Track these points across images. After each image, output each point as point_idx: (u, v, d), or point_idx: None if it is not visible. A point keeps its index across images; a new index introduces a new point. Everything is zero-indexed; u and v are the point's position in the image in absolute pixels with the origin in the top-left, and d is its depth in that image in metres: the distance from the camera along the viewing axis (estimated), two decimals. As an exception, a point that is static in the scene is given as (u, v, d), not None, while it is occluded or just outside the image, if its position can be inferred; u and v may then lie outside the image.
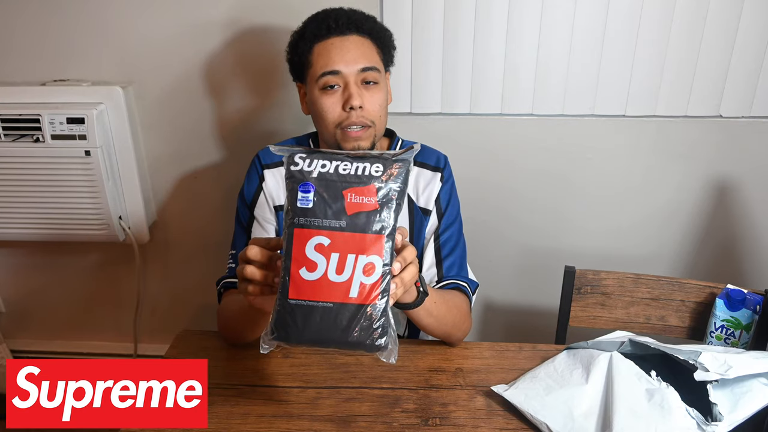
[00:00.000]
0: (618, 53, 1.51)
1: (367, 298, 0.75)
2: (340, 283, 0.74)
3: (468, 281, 1.19)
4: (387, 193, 0.76)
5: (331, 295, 0.75)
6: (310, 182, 0.75)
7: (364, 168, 0.76)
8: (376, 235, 0.75)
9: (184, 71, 1.58)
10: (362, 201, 0.75)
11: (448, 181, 1.22)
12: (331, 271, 0.74)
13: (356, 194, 0.75)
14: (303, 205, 0.75)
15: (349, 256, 0.74)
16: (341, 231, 0.75)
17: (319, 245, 0.74)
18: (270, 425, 0.95)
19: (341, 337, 0.75)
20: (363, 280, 0.75)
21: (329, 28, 1.10)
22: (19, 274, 1.86)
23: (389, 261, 0.76)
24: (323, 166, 0.75)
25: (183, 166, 1.70)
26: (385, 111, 1.14)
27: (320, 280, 0.74)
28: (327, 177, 0.75)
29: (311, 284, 0.75)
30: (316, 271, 0.74)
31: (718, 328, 1.20)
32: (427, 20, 1.50)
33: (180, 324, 1.69)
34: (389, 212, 0.76)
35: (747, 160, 1.61)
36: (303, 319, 0.75)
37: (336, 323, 0.75)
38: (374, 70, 1.10)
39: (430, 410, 0.98)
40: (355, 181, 0.75)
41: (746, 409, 0.87)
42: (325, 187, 0.75)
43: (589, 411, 0.92)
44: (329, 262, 0.74)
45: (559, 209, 1.69)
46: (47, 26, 1.54)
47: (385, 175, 0.76)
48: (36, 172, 1.57)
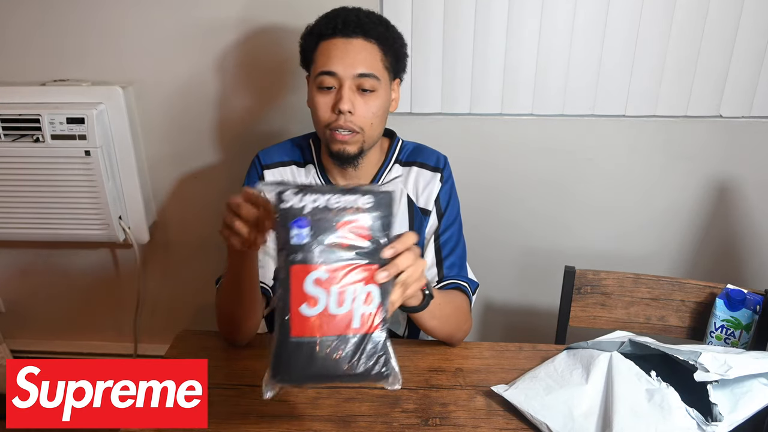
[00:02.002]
0: (618, 53, 1.51)
1: (370, 328, 0.75)
2: (343, 314, 0.74)
3: (468, 281, 1.19)
4: (377, 224, 0.76)
5: (335, 328, 0.74)
6: (302, 218, 0.75)
7: (355, 200, 0.76)
8: (372, 266, 0.76)
9: (184, 71, 1.58)
10: (356, 233, 0.75)
11: (448, 182, 1.22)
12: (333, 303, 0.74)
13: (350, 226, 0.75)
14: (297, 242, 0.74)
15: (347, 287, 0.75)
16: (338, 264, 0.75)
17: (318, 279, 0.74)
18: (270, 425, 0.95)
19: (347, 369, 0.75)
20: (364, 310, 0.75)
21: (335, 28, 1.09)
22: (19, 274, 1.86)
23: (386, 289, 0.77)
24: (314, 200, 0.75)
25: (183, 166, 1.70)
26: (380, 119, 1.13)
27: (322, 314, 0.74)
28: (319, 211, 0.75)
29: (313, 320, 0.74)
30: (317, 306, 0.74)
31: (718, 328, 1.20)
32: (427, 20, 1.50)
33: (180, 324, 1.69)
34: (380, 242, 0.77)
35: (747, 160, 1.61)
36: (307, 356, 0.74)
37: (341, 356, 0.74)
38: (372, 77, 1.09)
39: (430, 410, 0.98)
40: (347, 215, 0.75)
41: (746, 409, 0.87)
42: (318, 222, 0.75)
43: (589, 411, 0.92)
44: (330, 295, 0.74)
45: (559, 209, 1.69)
46: (47, 26, 1.54)
47: (375, 207, 0.76)
48: (36, 172, 1.57)
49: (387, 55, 1.13)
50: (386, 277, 0.77)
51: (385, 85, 1.12)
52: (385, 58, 1.12)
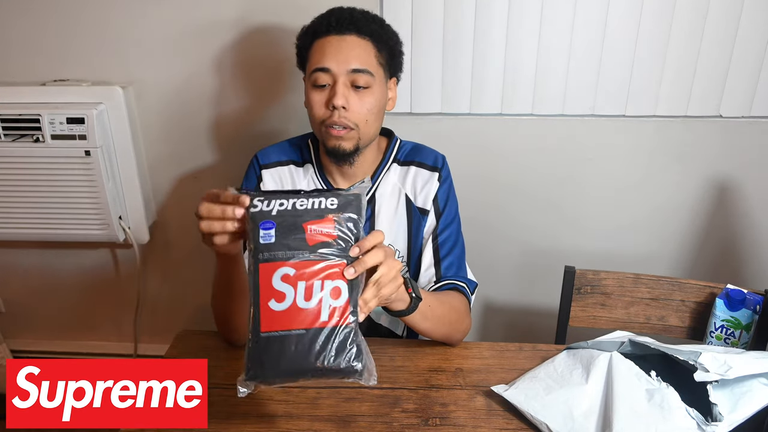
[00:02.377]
0: (618, 53, 1.51)
1: (339, 320, 0.77)
2: (311, 308, 0.76)
3: (467, 281, 1.18)
4: (343, 224, 0.80)
5: (303, 321, 0.76)
6: (270, 219, 0.79)
7: (320, 202, 0.80)
8: (339, 263, 0.79)
9: (185, 71, 1.58)
10: (322, 232, 0.79)
11: (446, 181, 1.22)
12: (300, 298, 0.76)
13: (315, 226, 0.79)
14: (265, 241, 0.78)
15: (315, 282, 0.77)
16: (305, 260, 0.78)
17: (285, 275, 0.77)
18: (270, 425, 0.95)
19: (317, 363, 0.76)
20: (332, 303, 0.77)
21: (329, 26, 1.10)
22: (19, 274, 1.86)
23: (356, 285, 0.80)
24: (281, 204, 0.80)
25: (183, 166, 1.70)
26: (375, 116, 1.13)
27: (290, 308, 0.76)
28: (286, 213, 0.79)
29: (282, 314, 0.76)
30: (285, 301, 0.76)
31: (718, 328, 1.20)
32: (427, 20, 1.50)
33: (180, 324, 1.69)
34: (348, 241, 0.80)
35: (747, 160, 1.61)
36: (278, 350, 0.76)
37: (311, 349, 0.76)
38: (366, 73, 1.09)
39: (430, 410, 0.98)
40: (313, 215, 0.79)
41: (746, 409, 0.87)
42: (285, 223, 0.79)
43: (589, 411, 0.92)
44: (297, 289, 0.77)
45: (559, 209, 1.69)
46: (47, 26, 1.54)
47: (340, 208, 0.80)
48: (36, 172, 1.57)
49: (381, 52, 1.13)
50: (353, 274, 0.79)
51: (379, 82, 1.12)
52: (379, 55, 1.12)
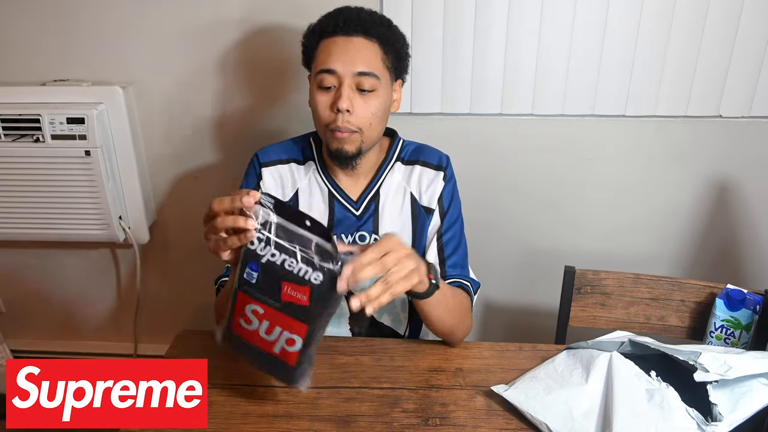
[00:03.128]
0: (618, 53, 1.51)
1: (286, 358, 0.88)
2: (268, 340, 0.88)
3: (470, 281, 1.19)
4: (317, 299, 0.84)
5: (260, 344, 0.89)
6: (257, 263, 0.86)
7: (307, 272, 0.84)
8: (301, 324, 0.86)
9: (185, 71, 1.58)
10: (295, 296, 0.85)
11: (451, 181, 1.22)
12: (262, 330, 0.88)
13: (292, 288, 0.85)
14: (248, 279, 0.87)
15: (276, 327, 0.87)
16: (273, 309, 0.87)
17: (255, 311, 0.88)
18: (270, 425, 0.95)
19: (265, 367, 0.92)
20: (285, 347, 0.88)
21: (336, 26, 1.09)
22: (19, 274, 1.86)
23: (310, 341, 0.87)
24: (273, 255, 0.85)
25: (183, 166, 1.70)
26: (379, 119, 1.12)
27: (253, 332, 0.89)
28: (272, 266, 0.85)
29: (247, 331, 0.90)
30: (251, 325, 0.89)
31: (718, 328, 1.20)
32: (427, 20, 1.50)
33: (180, 324, 1.69)
34: (319, 310, 0.85)
35: (747, 160, 1.61)
36: (239, 345, 0.91)
37: (263, 361, 0.90)
38: (372, 76, 1.09)
39: (430, 410, 0.98)
40: (294, 279, 0.84)
41: (746, 409, 0.87)
42: (268, 273, 0.85)
43: (589, 411, 0.92)
44: (261, 324, 0.88)
45: (559, 209, 1.69)
46: (47, 26, 1.54)
47: (322, 284, 0.83)
48: (36, 172, 1.57)
49: (388, 55, 1.12)
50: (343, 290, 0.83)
51: (385, 85, 1.12)
52: (386, 57, 1.12)
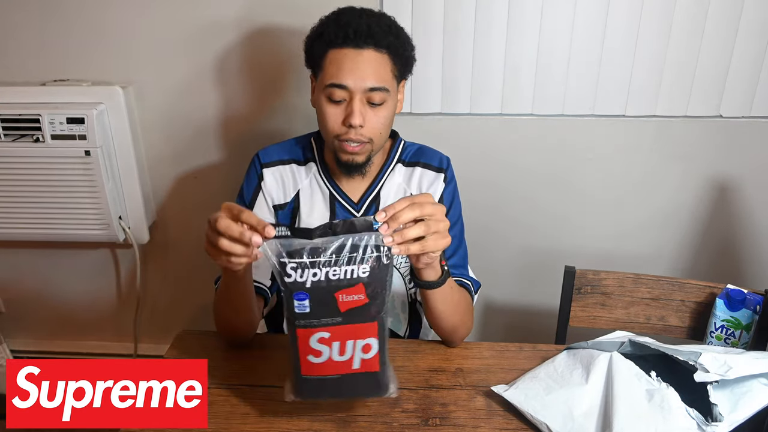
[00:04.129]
0: (618, 53, 1.51)
1: (369, 368, 0.86)
2: (344, 361, 0.85)
3: (471, 280, 1.19)
4: (375, 287, 0.83)
5: (337, 370, 0.86)
6: (303, 291, 0.82)
7: (352, 271, 0.82)
8: (369, 323, 0.84)
9: (185, 71, 1.58)
10: (353, 299, 0.83)
11: (451, 183, 1.22)
12: (335, 354, 0.85)
13: (346, 294, 0.82)
14: (300, 311, 0.83)
15: (347, 342, 0.85)
16: (338, 325, 0.84)
17: (321, 338, 0.84)
18: (270, 425, 0.95)
19: (351, 392, 0.90)
20: (363, 357, 0.85)
21: (346, 37, 1.06)
22: (19, 274, 1.86)
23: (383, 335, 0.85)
24: (314, 275, 0.82)
25: (183, 166, 1.70)
26: (387, 127, 1.12)
27: (326, 362, 0.85)
28: (319, 286, 0.82)
29: (319, 365, 0.86)
30: (321, 357, 0.85)
31: (718, 328, 1.20)
32: (427, 20, 1.50)
33: (180, 324, 1.69)
34: (378, 299, 0.83)
35: (747, 160, 1.61)
36: (317, 386, 0.88)
37: (346, 387, 0.87)
38: (383, 90, 1.07)
39: (430, 410, 0.98)
40: (344, 284, 0.82)
41: (746, 409, 0.87)
42: (317, 294, 0.82)
43: (589, 411, 0.92)
44: (332, 348, 0.85)
45: (559, 209, 1.69)
46: (47, 26, 1.54)
47: (371, 275, 0.82)
48: (36, 172, 1.57)
49: (397, 64, 1.11)
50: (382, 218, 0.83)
51: (393, 94, 1.12)
52: (395, 68, 1.11)
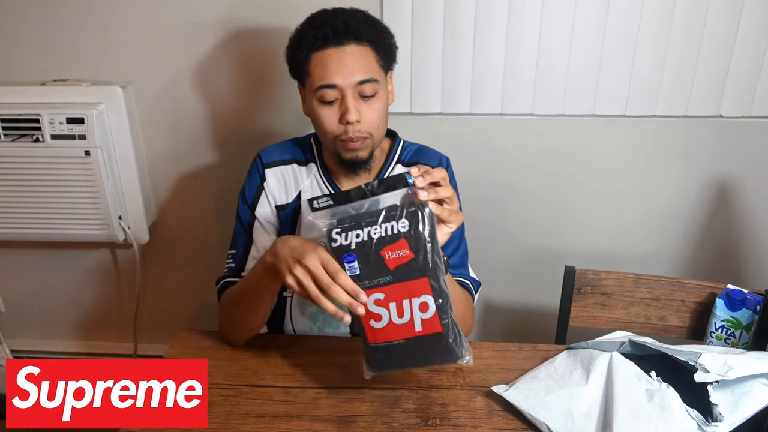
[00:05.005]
0: (618, 53, 1.51)
1: (431, 328, 0.87)
2: (405, 323, 0.87)
3: (471, 279, 1.19)
4: (417, 241, 0.84)
5: (400, 334, 0.88)
6: (350, 253, 0.86)
7: (392, 227, 0.84)
8: (420, 280, 0.85)
9: (184, 71, 1.58)
10: (398, 255, 0.84)
11: (451, 182, 1.22)
12: (395, 317, 0.87)
13: (392, 251, 0.84)
14: (351, 273, 0.86)
15: (404, 302, 0.86)
16: (390, 284, 0.86)
17: (377, 300, 0.87)
18: (270, 425, 0.95)
19: (422, 359, 0.91)
20: (422, 317, 0.86)
21: (326, 38, 1.06)
22: (19, 274, 1.87)
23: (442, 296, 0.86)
24: (358, 236, 0.85)
25: (183, 166, 1.70)
26: (384, 119, 1.12)
27: (387, 326, 0.87)
28: (363, 246, 0.85)
29: (382, 330, 0.88)
30: (383, 321, 0.88)
31: (718, 328, 1.20)
32: (427, 20, 1.50)
33: (180, 324, 1.69)
34: (425, 255, 0.84)
35: (747, 160, 1.61)
36: (385, 355, 0.90)
37: (413, 352, 0.89)
38: (372, 81, 1.08)
39: (430, 410, 0.98)
40: (387, 241, 0.84)
41: (746, 409, 0.87)
42: (364, 254, 0.85)
43: (589, 411, 0.92)
44: (390, 310, 0.87)
45: (559, 209, 1.69)
46: (47, 26, 1.54)
47: (410, 227, 0.84)
48: (36, 172, 1.57)
49: (380, 54, 1.11)
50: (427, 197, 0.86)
51: (383, 84, 1.12)
52: (379, 58, 1.11)
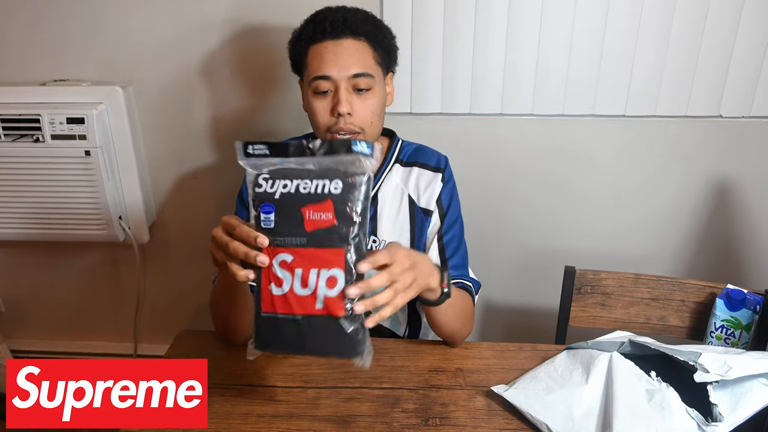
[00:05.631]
0: (618, 53, 1.51)
1: (334, 310, 0.77)
2: (306, 296, 0.78)
3: (471, 281, 1.19)
4: (345, 208, 0.77)
5: (298, 308, 0.78)
6: (270, 203, 0.78)
7: (324, 186, 0.77)
8: (336, 249, 0.77)
9: (184, 71, 1.58)
10: (320, 217, 0.77)
11: (449, 182, 1.22)
12: (297, 284, 0.78)
13: (314, 211, 0.77)
14: (266, 226, 0.78)
15: (311, 270, 0.77)
16: (302, 247, 0.77)
17: (284, 262, 0.78)
18: (270, 425, 0.95)
19: (315, 345, 0.80)
20: (327, 293, 0.77)
21: (324, 31, 1.09)
22: (19, 274, 1.86)
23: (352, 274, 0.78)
24: (285, 186, 0.78)
25: (183, 165, 1.70)
26: (378, 116, 1.13)
27: (287, 294, 0.78)
28: (287, 197, 0.78)
29: (280, 298, 0.78)
30: (282, 286, 0.78)
31: (718, 328, 1.20)
32: (427, 20, 1.49)
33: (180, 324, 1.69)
34: (349, 226, 0.77)
35: (747, 160, 1.61)
36: (276, 330, 0.79)
37: (306, 334, 0.78)
38: (367, 76, 1.09)
39: (430, 410, 0.98)
40: (313, 199, 0.77)
41: (746, 409, 0.87)
42: (284, 207, 0.78)
43: (589, 411, 0.92)
44: (294, 277, 0.78)
45: (559, 209, 1.69)
46: (47, 26, 1.54)
47: (344, 191, 0.77)
48: (36, 172, 1.57)
49: (378, 51, 1.13)
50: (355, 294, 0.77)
51: (379, 82, 1.13)
52: (376, 55, 1.12)
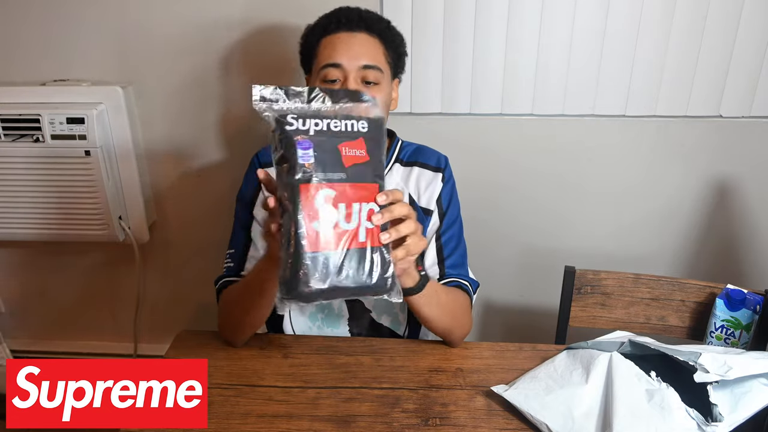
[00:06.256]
0: (618, 53, 1.51)
1: (375, 242, 0.80)
2: (351, 229, 0.79)
3: (469, 280, 1.19)
4: (373, 145, 0.82)
5: (344, 242, 0.78)
6: (307, 139, 0.78)
7: (353, 124, 0.81)
8: (372, 184, 0.81)
9: (184, 71, 1.58)
10: (355, 154, 0.80)
11: (449, 182, 1.23)
12: (342, 219, 0.78)
13: (349, 148, 0.80)
14: (304, 161, 0.78)
15: (354, 204, 0.79)
16: (343, 182, 0.79)
17: (327, 196, 0.78)
18: (270, 425, 0.95)
19: (356, 281, 0.79)
20: (368, 225, 0.80)
21: (339, 23, 1.12)
22: (19, 274, 1.86)
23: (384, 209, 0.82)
24: (316, 124, 0.79)
25: (183, 165, 1.70)
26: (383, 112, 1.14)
27: (333, 229, 0.78)
28: (322, 134, 0.79)
29: (326, 235, 0.77)
30: (328, 222, 0.78)
31: (718, 328, 1.20)
32: (427, 20, 1.50)
33: (180, 324, 1.69)
34: (378, 162, 0.82)
35: (747, 160, 1.61)
36: (322, 269, 0.77)
37: (351, 267, 0.78)
38: (376, 69, 1.11)
39: (430, 410, 0.98)
40: (346, 136, 0.80)
41: (746, 409, 0.87)
42: (321, 143, 0.79)
43: (589, 411, 0.92)
44: (339, 211, 0.78)
45: (559, 209, 1.69)
46: (48, 26, 1.54)
47: (370, 131, 0.82)
48: (36, 172, 1.57)
49: (389, 51, 1.15)
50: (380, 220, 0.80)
51: (387, 80, 1.14)
52: (387, 54, 1.15)
